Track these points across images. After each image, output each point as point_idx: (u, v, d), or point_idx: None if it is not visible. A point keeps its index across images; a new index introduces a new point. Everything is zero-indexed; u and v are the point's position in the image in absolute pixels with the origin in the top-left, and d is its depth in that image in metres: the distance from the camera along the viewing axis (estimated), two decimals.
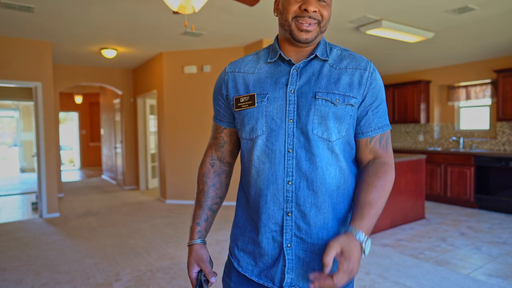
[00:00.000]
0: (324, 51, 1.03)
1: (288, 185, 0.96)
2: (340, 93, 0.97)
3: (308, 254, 0.97)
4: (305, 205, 0.96)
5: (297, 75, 1.00)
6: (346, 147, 1.00)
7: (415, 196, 4.75)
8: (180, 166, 6.22)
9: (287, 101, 0.98)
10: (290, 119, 0.97)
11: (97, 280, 3.05)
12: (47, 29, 4.73)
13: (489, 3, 3.91)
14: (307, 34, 0.97)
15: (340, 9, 4.09)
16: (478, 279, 2.93)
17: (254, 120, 1.01)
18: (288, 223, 0.97)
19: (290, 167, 0.96)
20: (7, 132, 15.56)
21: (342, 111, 0.97)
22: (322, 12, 0.97)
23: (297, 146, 0.96)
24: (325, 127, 0.96)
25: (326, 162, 0.97)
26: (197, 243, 1.08)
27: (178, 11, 2.71)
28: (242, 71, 1.08)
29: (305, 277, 0.97)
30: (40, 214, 5.48)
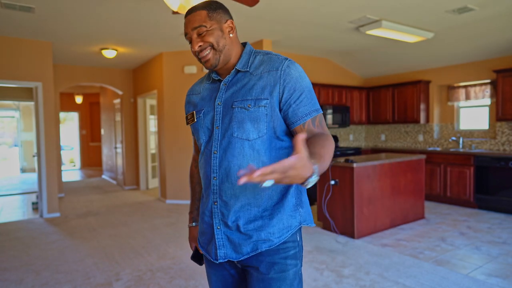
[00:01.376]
0: (245, 63, 1.21)
1: (214, 180, 1.19)
2: (252, 98, 1.14)
3: (233, 233, 1.18)
4: (226, 195, 1.17)
5: (225, 89, 1.21)
6: (273, 141, 1.16)
7: (414, 196, 4.76)
8: (180, 166, 6.23)
9: (214, 112, 1.21)
10: (217, 126, 1.19)
11: (97, 280, 3.05)
12: (47, 29, 4.74)
13: (489, 3, 3.92)
14: (208, 63, 1.18)
15: (340, 9, 4.10)
16: (477, 279, 2.94)
17: (196, 131, 1.27)
18: (216, 210, 1.20)
19: (215, 165, 1.18)
20: (7, 132, 15.56)
21: (255, 114, 1.14)
22: (207, 39, 1.15)
23: (220, 148, 1.17)
24: (242, 129, 1.14)
25: (248, 158, 1.14)
26: (192, 226, 1.45)
27: (178, 11, 2.71)
28: (193, 93, 1.36)
29: (234, 250, 1.18)
30: (40, 214, 5.48)
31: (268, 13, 4.18)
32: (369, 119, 7.39)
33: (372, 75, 7.48)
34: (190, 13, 1.19)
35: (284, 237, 1.18)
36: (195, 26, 1.16)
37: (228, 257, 1.20)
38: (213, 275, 1.31)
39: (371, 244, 3.84)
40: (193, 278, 3.04)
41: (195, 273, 3.15)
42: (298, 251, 1.22)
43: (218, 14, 1.18)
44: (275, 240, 1.17)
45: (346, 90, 6.92)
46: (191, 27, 1.17)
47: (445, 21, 4.56)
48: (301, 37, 5.24)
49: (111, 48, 5.78)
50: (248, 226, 1.17)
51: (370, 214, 4.19)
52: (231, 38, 1.20)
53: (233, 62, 1.22)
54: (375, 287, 2.81)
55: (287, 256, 1.18)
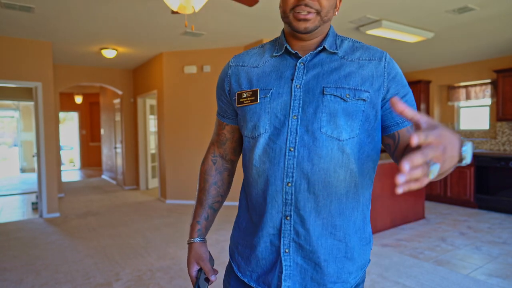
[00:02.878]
0: (333, 43, 0.96)
1: (288, 186, 0.89)
2: (351, 88, 0.90)
3: (306, 261, 0.91)
4: (304, 209, 0.89)
5: (304, 69, 0.94)
6: (362, 148, 0.91)
7: (415, 196, 4.76)
8: (180, 166, 6.22)
9: (291, 96, 0.91)
10: (294, 115, 0.90)
11: (97, 280, 3.05)
12: (47, 29, 4.74)
13: (489, 3, 3.92)
14: (305, 23, 0.90)
15: (340, 9, 4.09)
16: (478, 279, 2.93)
17: (256, 117, 0.94)
18: (287, 227, 0.91)
19: (290, 167, 0.89)
20: (7, 132, 15.56)
21: (353, 107, 0.89)
22: (321, 1, 0.90)
23: (300, 144, 0.89)
24: (334, 125, 0.88)
25: (335, 163, 0.88)
26: (196, 241, 1.06)
27: (178, 11, 2.71)
28: (246, 64, 1.03)
29: (302, 285, 0.91)
30: (40, 214, 5.48)
31: (268, 13, 4.18)
32: None
33: None
34: None
35: (359, 277, 0.95)
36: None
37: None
38: None
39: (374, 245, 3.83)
40: None
41: None
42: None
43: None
44: (351, 281, 0.92)
45: None
46: None
47: (445, 21, 4.56)
48: None
49: (111, 48, 5.78)
50: (328, 258, 0.90)
51: (370, 214, 4.18)
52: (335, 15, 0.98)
53: (316, 38, 0.96)
54: (375, 287, 2.81)
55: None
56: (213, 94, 5.98)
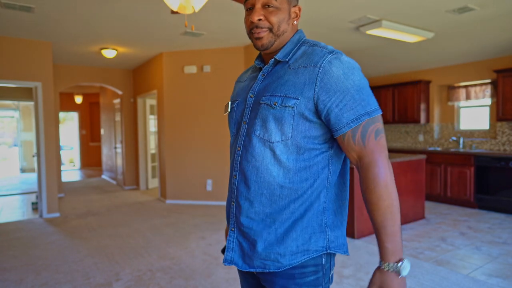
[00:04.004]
0: (288, 53, 1.06)
1: (234, 178, 1.09)
2: (281, 95, 1.00)
3: (244, 239, 1.07)
4: (241, 197, 1.06)
5: (262, 80, 1.08)
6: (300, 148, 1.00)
7: (415, 196, 4.75)
8: (180, 166, 6.22)
9: (245, 104, 1.10)
10: (245, 121, 1.08)
11: (97, 280, 3.05)
12: (47, 29, 4.74)
13: (489, 3, 3.92)
14: (261, 41, 1.04)
15: (340, 9, 4.09)
16: (478, 279, 2.93)
17: (229, 123, 1.17)
18: (232, 211, 1.10)
19: (236, 163, 1.08)
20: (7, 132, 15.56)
21: (280, 113, 0.99)
22: (270, 18, 1.02)
23: (243, 145, 1.07)
24: (265, 129, 1.01)
25: (267, 162, 1.01)
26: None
27: (178, 11, 2.71)
28: (239, 81, 1.24)
29: (242, 259, 1.08)
30: (40, 214, 5.48)
31: None
32: None
33: (372, 75, 7.48)
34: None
35: (297, 262, 1.02)
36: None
37: (234, 263, 1.10)
38: (243, 280, 1.23)
39: (371, 244, 3.83)
40: (193, 278, 3.04)
41: (195, 273, 3.15)
42: (320, 277, 1.05)
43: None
44: (284, 263, 1.02)
45: None
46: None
47: (445, 21, 4.56)
48: None
49: (111, 48, 5.77)
50: (258, 239, 1.04)
51: None
52: (293, 25, 1.08)
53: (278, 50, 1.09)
54: None
55: (304, 283, 1.03)
56: (213, 94, 5.98)
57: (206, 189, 6.11)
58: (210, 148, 6.04)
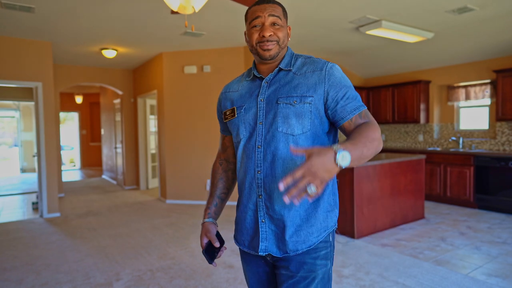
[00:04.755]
0: (288, 63, 1.27)
1: (258, 173, 1.21)
2: (298, 95, 1.19)
3: (277, 227, 1.21)
4: (270, 189, 1.20)
5: (267, 87, 1.26)
6: (316, 139, 1.20)
7: (414, 196, 4.76)
8: (180, 166, 6.23)
9: (257, 108, 1.25)
10: (260, 122, 1.23)
11: (98, 279, 3.05)
12: (47, 29, 4.74)
13: (489, 4, 3.92)
14: (269, 52, 1.22)
15: (340, 9, 4.10)
16: (477, 279, 2.94)
17: (236, 127, 1.29)
18: (260, 204, 1.22)
19: (259, 159, 1.21)
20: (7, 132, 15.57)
21: (300, 110, 1.18)
22: (277, 34, 1.22)
23: (264, 142, 1.20)
24: (287, 124, 1.18)
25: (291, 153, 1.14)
26: (206, 221, 1.39)
27: (178, 11, 2.72)
28: (229, 90, 1.39)
29: (277, 246, 1.21)
30: (40, 214, 5.49)
31: None
32: None
33: (372, 75, 7.48)
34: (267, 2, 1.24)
35: (322, 237, 1.21)
36: (274, 14, 1.22)
37: (269, 251, 1.22)
38: (249, 271, 1.36)
39: (371, 244, 3.84)
40: (193, 278, 3.04)
41: (195, 273, 3.16)
42: (329, 251, 1.24)
43: (287, 16, 1.29)
44: (313, 240, 1.20)
45: None
46: (268, 13, 1.22)
47: (445, 21, 4.56)
48: (301, 37, 5.24)
49: (111, 48, 5.78)
50: (290, 224, 1.19)
51: (370, 214, 4.19)
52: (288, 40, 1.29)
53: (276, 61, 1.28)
54: (375, 287, 2.81)
55: (317, 257, 1.21)
56: (213, 94, 5.98)
57: (206, 189, 6.12)
58: (210, 148, 6.04)
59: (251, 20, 1.24)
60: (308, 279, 1.19)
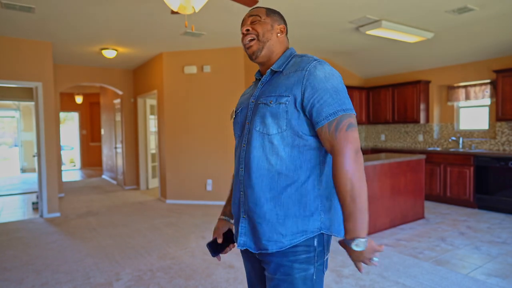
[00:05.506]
0: (281, 64, 1.28)
1: (241, 171, 1.25)
2: (275, 95, 1.20)
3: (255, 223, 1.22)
4: (247, 186, 1.22)
5: (261, 88, 1.29)
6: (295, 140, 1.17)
7: (414, 196, 4.76)
8: (181, 166, 6.23)
9: (248, 109, 1.29)
10: (248, 122, 1.27)
11: (98, 279, 3.06)
12: (47, 29, 4.74)
13: (489, 3, 3.92)
14: (251, 49, 1.27)
15: (340, 9, 4.10)
16: (477, 279, 2.94)
17: (234, 127, 1.37)
18: (242, 200, 1.26)
19: (242, 157, 1.25)
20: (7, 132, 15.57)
21: (276, 110, 1.18)
22: (255, 28, 1.26)
23: (247, 141, 1.24)
24: (264, 124, 1.20)
25: (266, 152, 1.19)
26: (220, 218, 1.48)
27: (178, 11, 2.72)
28: (243, 94, 1.45)
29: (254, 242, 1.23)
30: (40, 214, 5.49)
31: None
32: (369, 119, 7.39)
33: (372, 75, 7.49)
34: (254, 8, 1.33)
35: (296, 241, 1.17)
36: (252, 14, 1.29)
37: (247, 246, 1.25)
38: (248, 266, 1.40)
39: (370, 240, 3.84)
40: (193, 278, 3.05)
41: (195, 273, 3.16)
42: (312, 256, 1.19)
43: (275, 16, 1.32)
44: (285, 243, 1.17)
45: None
46: (248, 15, 1.30)
47: (445, 21, 4.56)
48: (301, 37, 5.24)
49: (111, 48, 5.78)
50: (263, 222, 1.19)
51: (370, 214, 4.19)
52: (278, 37, 1.30)
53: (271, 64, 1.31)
54: (375, 287, 2.82)
55: (296, 260, 1.18)
56: (213, 94, 5.98)
57: (206, 189, 6.12)
58: (210, 148, 6.04)
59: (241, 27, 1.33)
60: (286, 282, 1.17)
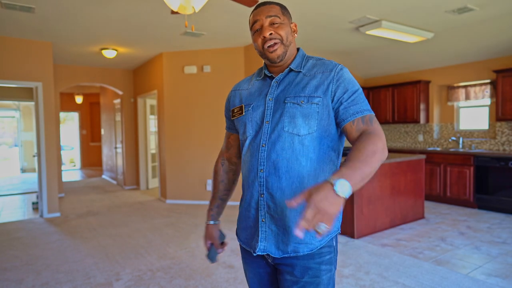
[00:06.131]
0: (299, 64, 1.26)
1: (261, 172, 1.20)
2: (305, 95, 1.18)
3: (277, 227, 1.19)
4: (272, 188, 1.18)
5: (276, 86, 1.25)
6: (323, 140, 1.18)
7: (414, 196, 4.76)
8: (180, 166, 6.23)
9: (265, 107, 1.24)
10: (267, 120, 1.22)
11: (98, 279, 3.06)
12: (47, 30, 4.74)
13: (489, 3, 3.92)
14: (276, 53, 1.22)
15: (340, 9, 4.10)
16: (477, 279, 2.94)
17: (243, 125, 1.29)
18: (262, 203, 1.20)
19: (262, 158, 1.20)
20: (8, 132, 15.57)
21: (307, 110, 1.16)
22: (278, 31, 1.21)
23: (269, 141, 1.19)
24: (294, 124, 1.17)
25: (296, 153, 1.16)
26: (209, 223, 1.43)
27: (178, 11, 2.72)
28: (239, 89, 1.39)
29: (276, 246, 1.19)
30: (40, 214, 5.49)
31: None
32: None
33: (372, 75, 7.49)
34: (263, 4, 1.24)
35: (325, 242, 1.19)
36: (270, 14, 1.21)
37: (267, 251, 1.20)
38: (250, 272, 1.35)
39: (371, 244, 3.84)
40: (193, 278, 3.05)
41: (195, 273, 3.16)
42: (333, 256, 1.22)
43: (287, 13, 1.27)
44: (316, 244, 1.17)
45: None
46: (265, 15, 1.22)
47: (445, 21, 4.56)
48: (301, 37, 5.24)
49: (111, 48, 5.78)
50: (291, 224, 1.16)
51: (370, 214, 4.19)
52: (294, 37, 1.28)
53: (287, 62, 1.27)
54: (375, 287, 2.82)
55: (322, 262, 1.19)
56: (213, 94, 5.99)
57: (206, 189, 6.12)
58: (210, 148, 6.05)
59: (251, 25, 1.26)
60: (313, 285, 1.17)
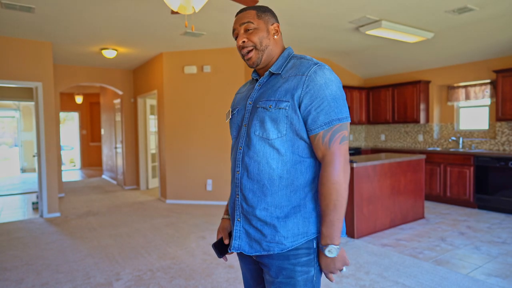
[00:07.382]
0: (280, 66, 1.26)
1: (237, 174, 1.26)
2: (275, 99, 1.18)
3: (251, 227, 1.23)
4: (245, 189, 1.23)
5: (258, 90, 1.28)
6: (296, 143, 1.18)
7: (414, 196, 4.76)
8: (180, 166, 6.23)
9: (245, 110, 1.29)
10: (245, 124, 1.26)
11: (98, 279, 3.06)
12: (47, 29, 4.74)
13: (489, 3, 3.92)
14: (251, 60, 1.26)
15: (340, 9, 4.10)
16: (477, 279, 2.94)
17: (231, 128, 1.36)
18: (237, 203, 1.26)
19: (238, 160, 1.25)
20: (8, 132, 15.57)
21: (275, 114, 1.17)
22: (251, 38, 1.24)
23: (244, 144, 1.24)
24: (263, 128, 1.19)
25: (267, 156, 1.18)
26: (224, 217, 1.47)
27: (178, 11, 2.72)
28: (238, 92, 1.44)
29: (249, 245, 1.24)
30: (40, 214, 5.49)
31: None
32: (369, 119, 7.39)
33: (372, 75, 7.49)
34: (240, 12, 1.28)
35: (298, 243, 1.18)
36: (243, 21, 1.25)
37: (241, 249, 1.25)
38: (243, 267, 1.41)
39: (371, 244, 3.84)
40: (193, 278, 3.05)
41: (195, 273, 3.16)
42: (313, 258, 1.21)
43: (266, 16, 1.28)
44: (287, 245, 1.18)
45: (346, 90, 6.92)
46: (239, 23, 1.26)
47: (445, 21, 4.56)
48: (301, 38, 5.24)
49: (111, 48, 5.78)
50: (263, 225, 1.20)
51: (370, 214, 4.19)
52: (275, 39, 1.28)
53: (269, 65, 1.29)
54: (375, 287, 2.82)
55: (298, 263, 1.19)
56: (213, 94, 5.99)
57: (206, 189, 6.12)
58: (210, 148, 6.04)
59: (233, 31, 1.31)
60: (288, 285, 1.19)
